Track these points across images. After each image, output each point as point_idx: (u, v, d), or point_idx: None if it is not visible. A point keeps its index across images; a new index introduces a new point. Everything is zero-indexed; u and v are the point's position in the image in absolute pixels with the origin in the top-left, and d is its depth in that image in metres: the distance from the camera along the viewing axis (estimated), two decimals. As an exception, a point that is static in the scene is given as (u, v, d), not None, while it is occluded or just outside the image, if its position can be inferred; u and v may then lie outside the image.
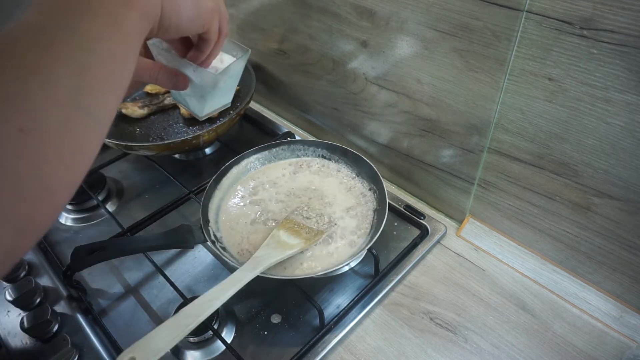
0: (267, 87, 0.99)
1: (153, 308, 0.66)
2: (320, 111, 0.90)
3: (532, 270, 0.68)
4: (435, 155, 0.72)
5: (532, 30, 0.50)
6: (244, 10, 0.90)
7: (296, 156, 0.80)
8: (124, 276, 0.70)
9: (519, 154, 0.61)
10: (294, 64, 0.87)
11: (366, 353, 0.60)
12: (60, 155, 0.27)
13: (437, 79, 0.63)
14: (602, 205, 0.56)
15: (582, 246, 0.62)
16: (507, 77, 0.56)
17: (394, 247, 0.71)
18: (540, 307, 0.64)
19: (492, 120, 0.61)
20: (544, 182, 0.60)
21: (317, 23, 0.76)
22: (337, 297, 0.65)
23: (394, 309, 0.64)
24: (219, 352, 0.60)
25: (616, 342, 0.60)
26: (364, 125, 0.81)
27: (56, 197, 0.28)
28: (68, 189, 0.29)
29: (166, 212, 0.76)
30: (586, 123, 0.52)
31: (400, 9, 0.61)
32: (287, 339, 0.61)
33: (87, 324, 0.63)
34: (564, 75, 0.51)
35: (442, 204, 0.77)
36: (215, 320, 0.61)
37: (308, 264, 0.63)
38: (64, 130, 0.27)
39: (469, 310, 0.64)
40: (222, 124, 0.81)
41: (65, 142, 0.27)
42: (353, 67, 0.75)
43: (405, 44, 0.64)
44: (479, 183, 0.69)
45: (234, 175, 0.75)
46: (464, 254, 0.71)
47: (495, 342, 0.60)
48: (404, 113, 0.72)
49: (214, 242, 0.64)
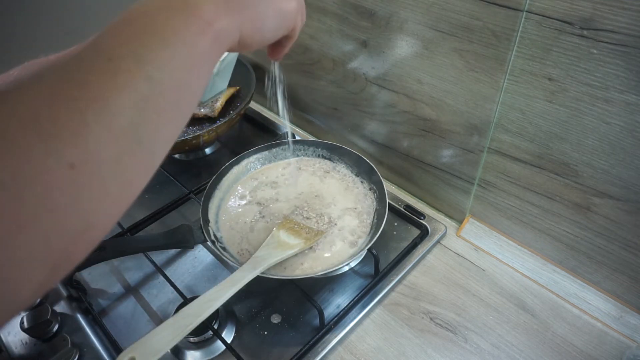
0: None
1: (153, 308, 0.66)
2: (320, 111, 0.90)
3: (532, 270, 0.68)
4: (435, 155, 0.72)
5: (532, 30, 0.50)
6: (244, 10, 0.90)
7: (296, 156, 0.80)
8: (124, 276, 0.70)
9: (519, 154, 0.61)
10: (294, 64, 0.87)
11: (366, 353, 0.60)
12: (108, 191, 0.25)
13: (437, 79, 0.63)
14: (602, 205, 0.56)
15: (582, 246, 0.62)
16: (507, 77, 0.56)
17: (394, 247, 0.71)
18: (540, 307, 0.64)
19: (492, 120, 0.61)
20: (544, 182, 0.60)
21: (317, 23, 0.76)
22: (337, 297, 0.65)
23: (394, 309, 0.64)
24: (219, 352, 0.60)
25: (616, 342, 0.60)
26: (364, 125, 0.81)
27: (97, 232, 0.26)
28: (110, 223, 0.27)
29: (166, 212, 0.76)
30: (586, 123, 0.52)
31: (400, 9, 0.61)
32: (287, 339, 0.61)
33: (87, 324, 0.63)
34: (564, 75, 0.51)
35: (442, 204, 0.77)
36: (215, 320, 0.61)
37: (308, 264, 0.63)
38: (116, 165, 0.25)
39: (469, 310, 0.64)
40: (222, 124, 0.81)
41: (116, 177, 0.25)
42: (353, 67, 0.75)
43: (405, 44, 0.64)
44: (479, 183, 0.69)
45: (234, 175, 0.75)
46: (464, 254, 0.71)
47: (495, 342, 0.60)
48: (404, 113, 0.72)
49: (214, 242, 0.64)
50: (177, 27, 0.29)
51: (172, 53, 0.28)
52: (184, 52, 0.28)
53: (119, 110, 0.25)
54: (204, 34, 0.30)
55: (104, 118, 0.24)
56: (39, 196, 0.22)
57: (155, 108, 0.27)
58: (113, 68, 0.26)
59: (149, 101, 0.26)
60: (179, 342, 0.46)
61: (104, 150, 0.24)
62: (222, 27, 0.31)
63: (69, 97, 0.24)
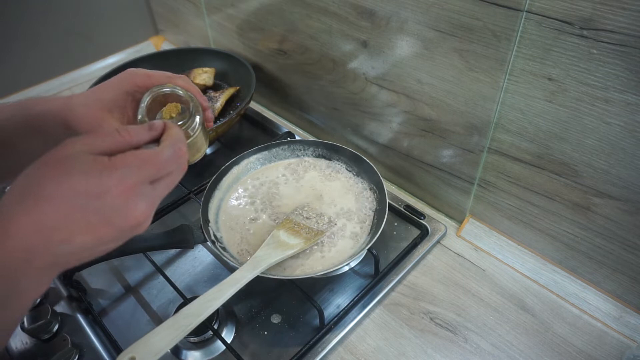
0: (267, 87, 0.99)
1: (153, 308, 0.66)
2: (320, 111, 0.90)
3: (532, 270, 0.68)
4: (435, 155, 0.72)
5: (532, 30, 0.50)
6: (244, 10, 0.90)
7: (296, 156, 0.80)
8: (124, 276, 0.70)
9: (519, 154, 0.61)
10: (294, 64, 0.87)
11: (366, 353, 0.60)
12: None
13: (437, 79, 0.63)
14: (602, 205, 0.56)
15: (582, 246, 0.62)
16: (507, 77, 0.56)
17: (394, 247, 0.71)
18: (540, 307, 0.64)
19: (492, 120, 0.61)
20: (544, 182, 0.60)
21: (317, 23, 0.76)
22: (337, 297, 0.65)
23: (394, 309, 0.64)
24: (219, 352, 0.60)
25: (616, 342, 0.60)
26: (364, 125, 0.81)
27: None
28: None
29: (166, 212, 0.76)
30: (586, 123, 0.52)
31: (400, 9, 0.62)
32: (287, 339, 0.61)
33: (87, 324, 0.63)
34: (564, 75, 0.51)
35: (442, 204, 0.77)
36: (215, 320, 0.61)
37: (308, 264, 0.63)
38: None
39: (469, 310, 0.64)
40: (222, 124, 0.81)
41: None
42: (353, 67, 0.75)
43: (405, 44, 0.64)
44: (479, 183, 0.69)
45: (234, 175, 0.75)
46: (464, 254, 0.71)
47: (495, 342, 0.60)
48: (404, 113, 0.72)
49: (214, 242, 0.64)
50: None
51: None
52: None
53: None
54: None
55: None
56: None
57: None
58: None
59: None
60: (179, 342, 0.46)
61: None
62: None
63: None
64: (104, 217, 0.33)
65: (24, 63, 1.06)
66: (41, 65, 1.09)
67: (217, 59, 1.01)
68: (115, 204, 0.33)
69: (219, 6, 0.96)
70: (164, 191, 0.38)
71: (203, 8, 1.01)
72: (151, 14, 1.24)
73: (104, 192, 0.32)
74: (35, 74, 1.10)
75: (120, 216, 0.33)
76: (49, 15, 1.05)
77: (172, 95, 0.50)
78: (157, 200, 0.37)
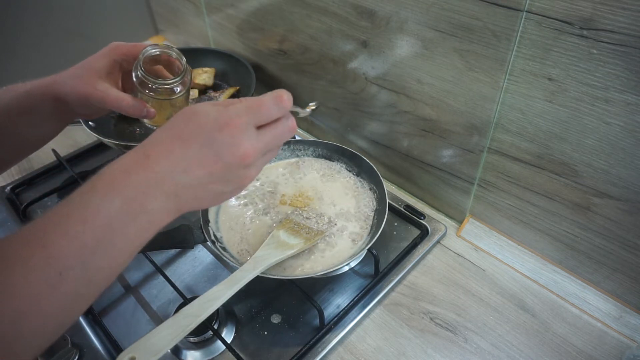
0: (267, 87, 0.99)
1: (153, 308, 0.66)
2: (320, 111, 0.90)
3: (532, 270, 0.68)
4: (435, 155, 0.72)
5: (532, 30, 0.50)
6: (244, 10, 0.90)
7: (296, 156, 0.80)
8: (124, 276, 0.70)
9: (519, 154, 0.61)
10: (294, 64, 0.87)
11: (366, 353, 0.60)
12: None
13: (437, 79, 0.63)
14: (602, 205, 0.56)
15: (582, 246, 0.62)
16: (507, 77, 0.56)
17: (394, 247, 0.71)
18: (540, 307, 0.64)
19: (492, 120, 0.61)
20: (544, 182, 0.60)
21: (317, 23, 0.76)
22: (337, 297, 0.65)
23: (394, 309, 0.64)
24: (219, 352, 0.60)
25: (616, 342, 0.60)
26: (364, 125, 0.81)
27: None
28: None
29: (166, 212, 0.76)
30: (586, 123, 0.52)
31: (400, 9, 0.62)
32: (287, 339, 0.61)
33: (87, 324, 0.63)
34: (564, 75, 0.51)
35: (442, 204, 0.77)
36: (215, 320, 0.61)
37: (308, 264, 0.63)
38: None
39: (469, 310, 0.64)
40: (222, 124, 0.81)
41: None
42: (353, 67, 0.75)
43: (405, 44, 0.64)
44: (479, 183, 0.69)
45: (234, 175, 0.75)
46: (464, 254, 0.71)
47: (495, 342, 0.60)
48: (404, 113, 0.72)
49: (214, 242, 0.64)
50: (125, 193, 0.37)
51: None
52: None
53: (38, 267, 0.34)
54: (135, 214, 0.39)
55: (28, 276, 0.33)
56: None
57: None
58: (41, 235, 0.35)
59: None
60: (179, 342, 0.46)
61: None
62: (155, 207, 0.40)
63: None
64: (214, 151, 0.39)
65: (24, 63, 1.06)
66: (41, 65, 1.09)
67: (217, 59, 1.01)
68: (224, 139, 0.39)
69: (219, 6, 0.96)
70: (270, 141, 0.42)
71: (203, 8, 1.01)
72: (151, 14, 1.24)
73: (222, 125, 0.39)
74: (35, 74, 1.10)
75: (227, 151, 0.39)
76: (49, 16, 1.05)
77: (162, 55, 0.58)
78: (262, 147, 0.41)
